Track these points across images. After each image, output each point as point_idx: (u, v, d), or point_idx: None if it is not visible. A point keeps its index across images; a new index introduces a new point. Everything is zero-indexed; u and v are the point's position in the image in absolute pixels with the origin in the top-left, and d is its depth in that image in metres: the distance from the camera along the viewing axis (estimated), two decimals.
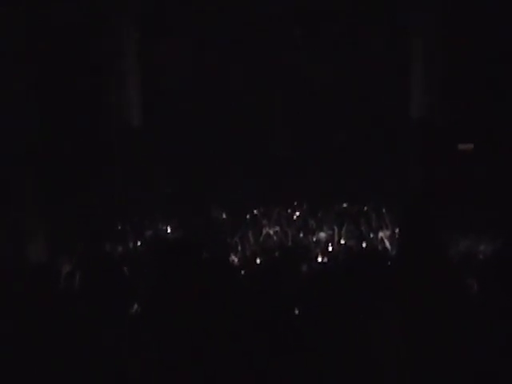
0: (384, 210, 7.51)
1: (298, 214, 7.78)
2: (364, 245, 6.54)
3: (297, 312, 3.03)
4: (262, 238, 6.92)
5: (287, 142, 8.64)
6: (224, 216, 7.90)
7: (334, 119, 8.40)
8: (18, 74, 7.04)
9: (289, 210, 7.95)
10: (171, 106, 8.66)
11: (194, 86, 8.66)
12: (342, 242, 6.70)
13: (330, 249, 6.56)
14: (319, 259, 6.10)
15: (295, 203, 8.23)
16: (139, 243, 6.83)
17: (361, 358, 2.54)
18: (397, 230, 6.54)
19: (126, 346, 2.74)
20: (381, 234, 6.51)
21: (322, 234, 6.89)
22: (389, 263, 3.24)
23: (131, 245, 6.78)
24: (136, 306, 3.40)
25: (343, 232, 6.87)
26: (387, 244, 6.28)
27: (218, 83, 8.62)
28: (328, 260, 5.90)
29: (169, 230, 7.45)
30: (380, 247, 6.25)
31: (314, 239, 6.85)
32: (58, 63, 7.82)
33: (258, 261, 5.83)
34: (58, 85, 7.82)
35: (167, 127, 8.66)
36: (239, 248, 6.45)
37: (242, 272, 4.36)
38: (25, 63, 7.08)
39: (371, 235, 6.72)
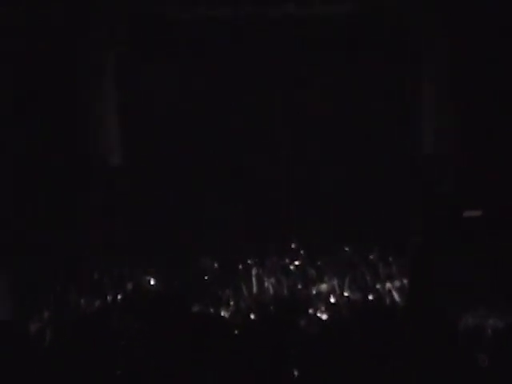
0: (391, 259, 7.62)
1: (296, 263, 7.85)
2: (370, 297, 6.55)
3: (296, 373, 3.09)
4: (256, 290, 6.93)
5: (287, 143, 8.77)
6: (215, 266, 7.97)
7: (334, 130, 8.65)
8: None
9: (286, 259, 8.03)
10: (155, 139, 8.74)
11: (180, 115, 8.75)
12: (346, 294, 6.73)
13: (332, 301, 6.59)
14: (320, 314, 6.10)
15: (293, 250, 8.33)
16: (119, 296, 6.82)
17: None
18: (406, 281, 6.59)
19: None
20: (388, 285, 6.55)
21: (323, 286, 6.92)
22: (398, 319, 3.31)
23: (110, 298, 6.77)
24: (117, 366, 3.43)
25: (346, 283, 6.90)
26: (396, 296, 6.32)
27: (208, 112, 8.78)
28: (330, 315, 5.91)
29: (152, 282, 7.46)
30: (388, 300, 6.28)
31: (314, 291, 6.87)
32: (31, 92, 7.95)
33: (253, 316, 5.84)
34: (28, 117, 7.93)
35: (150, 163, 8.78)
36: (231, 302, 6.44)
37: (235, 329, 4.39)
38: None
39: (378, 286, 6.75)
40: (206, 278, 7.57)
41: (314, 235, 8.46)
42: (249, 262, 7.87)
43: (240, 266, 7.76)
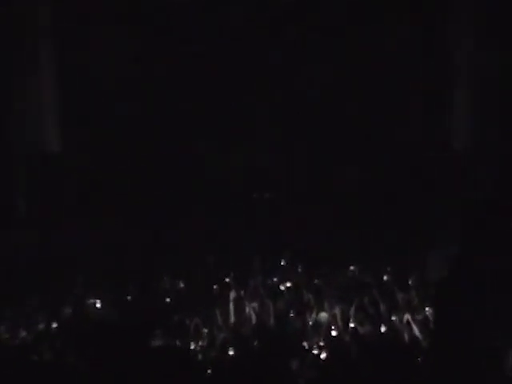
0: (411, 282, 7.61)
1: (288, 284, 7.80)
2: (383, 331, 6.59)
3: None
4: (234, 319, 6.95)
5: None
6: (181, 285, 7.89)
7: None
8: None
9: (274, 278, 7.97)
10: (100, 124, 9.02)
11: (128, 98, 9.14)
12: (352, 325, 6.74)
13: (334, 335, 6.58)
14: (318, 351, 6.11)
15: (283, 267, 8.33)
16: (53, 325, 6.80)
17: None
18: (429, 311, 6.63)
19: None
20: (407, 317, 6.59)
21: (323, 314, 6.96)
22: (419, 360, 3.33)
23: (42, 327, 6.75)
24: None
25: (352, 311, 6.92)
26: (416, 331, 6.36)
27: (159, 97, 9.27)
28: (331, 352, 5.95)
29: (98, 305, 7.41)
30: (406, 335, 6.33)
31: (311, 321, 6.89)
32: None
33: (230, 352, 5.86)
34: None
35: (95, 152, 8.94)
36: (203, 333, 6.46)
37: (207, 369, 4.40)
38: None
39: (393, 317, 6.80)
40: (168, 300, 7.52)
41: (312, 248, 8.50)
42: (226, 280, 7.83)
43: (214, 287, 7.73)
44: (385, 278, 7.86)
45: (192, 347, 6.11)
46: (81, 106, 9.06)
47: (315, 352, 6.08)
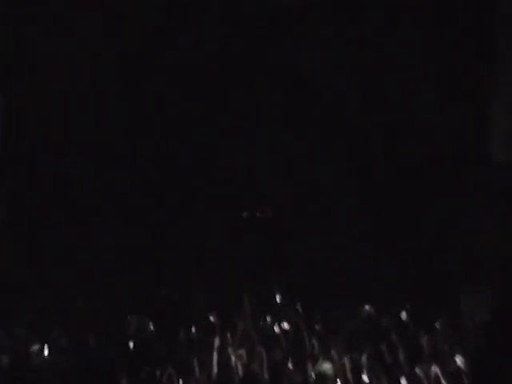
0: (438, 325, 7.58)
1: (284, 325, 7.82)
2: None
3: None
4: (217, 370, 6.92)
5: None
6: (151, 327, 7.87)
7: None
8: None
9: (267, 318, 8.01)
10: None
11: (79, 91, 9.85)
12: (365, 378, 6.76)
13: None
14: None
15: (279, 305, 8.38)
16: None
17: None
18: (462, 361, 6.62)
19: None
20: (435, 369, 6.60)
21: (326, 365, 6.96)
22: None
23: None
24: None
25: (365, 361, 6.93)
26: None
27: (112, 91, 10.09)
28: None
29: (45, 352, 7.33)
30: None
31: (313, 373, 6.87)
32: None
33: None
34: None
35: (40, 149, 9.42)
36: None
37: None
38: None
39: (416, 369, 6.80)
40: (134, 345, 7.49)
41: (314, 282, 8.57)
42: (208, 321, 7.88)
43: (192, 330, 7.75)
44: (405, 318, 7.88)
45: None
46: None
47: None
